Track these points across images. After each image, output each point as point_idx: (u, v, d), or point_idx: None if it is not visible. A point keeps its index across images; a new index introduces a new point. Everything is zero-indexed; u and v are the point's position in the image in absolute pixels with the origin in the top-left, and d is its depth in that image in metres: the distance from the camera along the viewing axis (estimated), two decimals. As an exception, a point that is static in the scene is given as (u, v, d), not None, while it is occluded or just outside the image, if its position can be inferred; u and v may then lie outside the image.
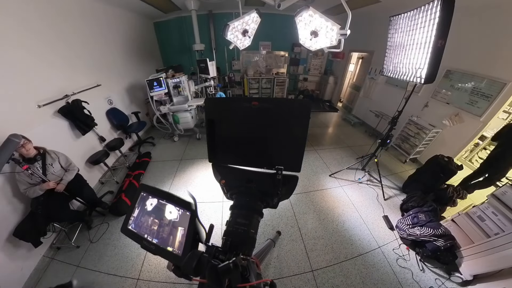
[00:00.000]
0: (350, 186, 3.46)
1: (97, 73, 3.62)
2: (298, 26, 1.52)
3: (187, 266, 0.63)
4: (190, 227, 0.69)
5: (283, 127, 0.94)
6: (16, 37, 2.29)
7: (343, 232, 2.66)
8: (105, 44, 3.92)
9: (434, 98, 3.90)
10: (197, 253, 0.65)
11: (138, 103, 5.04)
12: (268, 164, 0.98)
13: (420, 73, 2.11)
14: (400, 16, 2.33)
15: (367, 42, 5.69)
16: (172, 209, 0.73)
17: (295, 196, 3.18)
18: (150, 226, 0.74)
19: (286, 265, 2.26)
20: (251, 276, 0.70)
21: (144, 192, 0.79)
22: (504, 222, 1.92)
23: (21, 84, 2.32)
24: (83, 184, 2.69)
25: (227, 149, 1.06)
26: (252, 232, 0.87)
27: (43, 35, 2.62)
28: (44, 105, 2.52)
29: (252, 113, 0.93)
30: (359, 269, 2.25)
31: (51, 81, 2.69)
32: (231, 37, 1.99)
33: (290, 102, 1.34)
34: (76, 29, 3.18)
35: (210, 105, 1.03)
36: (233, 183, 1.05)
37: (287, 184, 1.01)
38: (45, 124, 2.59)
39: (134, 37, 5.03)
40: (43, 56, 2.61)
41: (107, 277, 2.18)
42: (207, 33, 6.30)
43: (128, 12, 4.68)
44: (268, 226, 2.68)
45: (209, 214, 2.86)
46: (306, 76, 7.97)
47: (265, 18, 2.08)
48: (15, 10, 2.28)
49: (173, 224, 0.72)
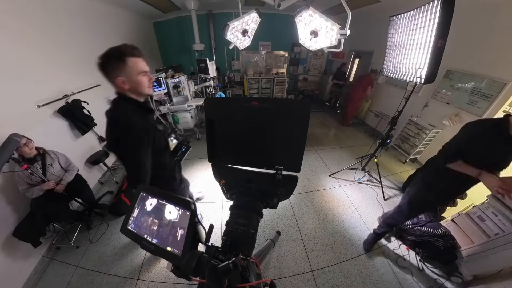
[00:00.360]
0: (350, 186, 3.46)
1: (97, 73, 3.53)
2: (298, 26, 1.52)
3: (186, 266, 0.63)
4: (189, 227, 0.69)
5: (283, 127, 0.94)
6: (16, 38, 2.28)
7: (343, 232, 2.65)
8: (105, 44, 3.83)
9: (434, 98, 3.90)
10: (197, 253, 0.65)
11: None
12: (268, 164, 0.98)
13: (420, 73, 2.11)
14: (400, 16, 2.33)
15: (367, 42, 5.69)
16: (172, 209, 0.73)
17: (295, 196, 3.17)
18: (150, 226, 0.74)
19: (286, 265, 2.26)
20: (250, 276, 0.70)
21: (144, 192, 0.79)
22: (504, 222, 1.92)
23: (20, 84, 2.31)
24: (83, 184, 2.69)
25: (226, 149, 1.06)
26: (252, 232, 0.87)
27: (42, 35, 2.61)
28: (43, 105, 2.51)
29: (252, 113, 0.93)
30: (359, 269, 2.24)
31: (50, 81, 2.69)
32: (230, 37, 1.98)
33: (290, 102, 1.34)
34: (75, 28, 3.17)
35: (209, 105, 1.03)
36: (232, 183, 1.05)
37: (287, 184, 1.00)
38: (44, 124, 2.58)
39: (134, 37, 5.02)
40: (43, 56, 2.61)
41: (106, 277, 2.18)
42: (207, 33, 6.30)
43: (128, 11, 4.68)
44: (268, 226, 2.68)
45: (209, 214, 2.86)
46: (306, 76, 7.99)
47: (265, 18, 2.08)
48: (13, 9, 2.27)
49: (172, 224, 0.72)
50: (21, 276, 2.13)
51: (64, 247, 2.48)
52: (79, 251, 2.45)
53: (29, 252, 2.21)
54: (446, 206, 2.87)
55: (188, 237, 0.68)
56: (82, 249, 2.46)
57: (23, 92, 2.34)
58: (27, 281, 2.15)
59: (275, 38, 6.95)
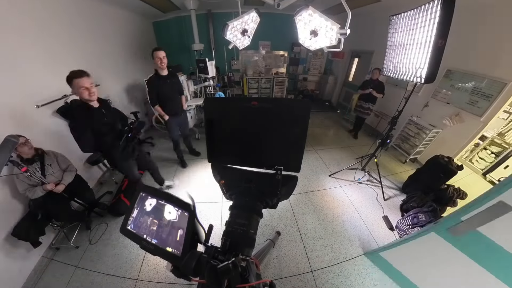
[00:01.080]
0: (350, 187, 3.45)
1: (96, 73, 3.55)
2: (297, 26, 1.50)
3: (186, 267, 0.63)
4: (188, 228, 0.69)
5: (282, 127, 0.93)
6: (15, 37, 2.28)
7: (342, 232, 2.65)
8: (104, 44, 3.91)
9: (434, 98, 3.90)
10: (197, 254, 0.65)
11: (137, 103, 5.02)
12: (267, 164, 0.97)
13: (420, 73, 2.11)
14: (400, 15, 2.32)
15: (367, 42, 5.68)
16: (171, 210, 0.73)
17: (295, 196, 3.17)
18: (149, 227, 0.74)
19: (285, 266, 2.26)
20: (250, 277, 0.69)
21: (143, 192, 0.79)
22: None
23: (19, 84, 2.31)
24: (83, 185, 2.68)
25: (226, 149, 1.06)
26: (252, 232, 0.87)
27: (41, 35, 2.61)
28: (42, 105, 2.50)
29: (251, 113, 0.92)
30: (359, 269, 2.24)
31: (49, 81, 2.67)
32: (230, 36, 1.97)
33: (289, 102, 1.33)
34: (74, 28, 3.17)
35: (209, 105, 1.02)
36: (232, 183, 1.05)
37: (287, 184, 1.00)
38: (43, 124, 2.58)
39: (133, 37, 5.01)
40: (41, 56, 2.60)
41: (106, 278, 2.18)
42: (206, 33, 6.29)
43: (127, 11, 4.67)
44: (268, 227, 2.68)
45: (208, 214, 2.86)
46: (306, 76, 7.98)
47: (264, 18, 2.07)
48: (13, 8, 2.27)
49: (172, 224, 0.72)
50: (21, 276, 2.13)
51: (63, 248, 2.48)
52: (79, 251, 2.44)
53: (29, 252, 2.21)
54: (446, 206, 2.87)
55: (187, 238, 0.68)
56: (82, 250, 2.46)
57: (22, 93, 2.33)
58: (26, 281, 2.14)
59: (274, 38, 6.94)
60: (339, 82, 7.36)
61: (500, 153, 3.58)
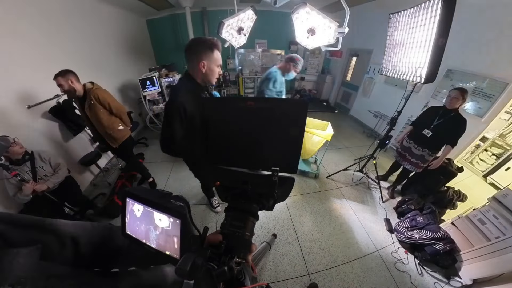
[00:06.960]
0: (348, 188, 3.42)
1: (89, 72, 3.49)
2: (294, 24, 1.47)
3: (181, 270, 0.59)
4: (182, 235, 0.64)
5: (279, 127, 0.89)
6: (6, 35, 2.21)
7: (340, 235, 2.61)
8: (97, 42, 3.82)
9: (435, 98, 3.87)
10: (191, 256, 0.61)
11: (131, 103, 4.92)
12: (263, 165, 0.94)
13: (420, 72, 2.06)
14: (399, 13, 2.28)
15: (365, 40, 5.64)
16: (161, 217, 0.68)
17: (291, 198, 3.13)
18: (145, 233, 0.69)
19: (282, 269, 2.22)
20: (246, 280, 0.68)
21: (128, 198, 0.74)
22: (505, 226, 1.89)
23: (9, 84, 2.25)
24: (74, 188, 2.61)
25: (221, 150, 1.02)
26: (248, 235, 0.84)
27: (32, 33, 2.53)
28: (34, 106, 2.43)
29: (247, 113, 0.89)
30: (356, 272, 2.21)
31: (41, 81, 2.59)
32: (225, 35, 1.93)
33: (286, 102, 1.28)
34: (66, 27, 3.08)
35: (203, 105, 0.99)
36: (227, 184, 1.02)
37: (283, 186, 0.97)
38: (35, 125, 2.51)
39: (126, 35, 4.90)
40: (33, 55, 2.53)
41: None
42: (201, 31, 6.19)
43: (120, 9, 4.55)
44: (264, 229, 2.63)
45: (204, 216, 2.81)
46: (303, 75, 7.92)
47: (260, 16, 2.03)
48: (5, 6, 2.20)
49: (166, 232, 0.67)
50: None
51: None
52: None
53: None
54: (446, 208, 2.85)
55: (183, 246, 0.64)
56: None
57: (12, 93, 2.28)
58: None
59: (271, 36, 6.85)
60: (337, 82, 7.33)
61: (501, 155, 3.55)
